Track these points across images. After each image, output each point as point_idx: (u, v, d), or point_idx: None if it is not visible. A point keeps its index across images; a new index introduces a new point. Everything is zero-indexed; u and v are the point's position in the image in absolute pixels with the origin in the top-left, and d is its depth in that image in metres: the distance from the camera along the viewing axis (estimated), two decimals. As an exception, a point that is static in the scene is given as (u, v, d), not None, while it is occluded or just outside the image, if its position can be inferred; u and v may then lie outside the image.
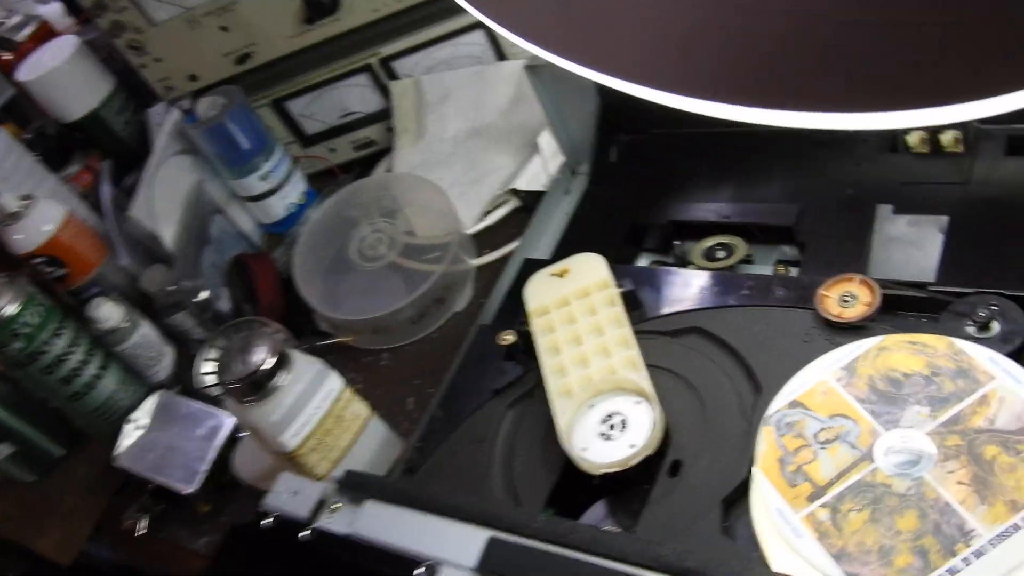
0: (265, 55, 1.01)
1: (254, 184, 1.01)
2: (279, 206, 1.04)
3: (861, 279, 0.55)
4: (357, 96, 1.05)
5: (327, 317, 0.87)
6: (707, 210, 0.71)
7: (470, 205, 0.93)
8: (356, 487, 0.55)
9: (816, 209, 0.66)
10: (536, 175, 0.89)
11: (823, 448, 0.50)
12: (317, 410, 0.69)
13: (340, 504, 0.56)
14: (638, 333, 0.60)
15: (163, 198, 0.96)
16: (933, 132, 0.66)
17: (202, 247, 0.98)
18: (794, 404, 0.52)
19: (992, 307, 0.51)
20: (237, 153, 0.99)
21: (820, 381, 0.53)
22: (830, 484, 0.49)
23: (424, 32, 0.98)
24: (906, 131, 0.67)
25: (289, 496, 0.58)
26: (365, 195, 0.91)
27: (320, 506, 0.56)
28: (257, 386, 0.66)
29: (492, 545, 0.47)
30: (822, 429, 0.51)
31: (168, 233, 0.95)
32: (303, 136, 1.09)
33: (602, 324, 0.60)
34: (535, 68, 0.79)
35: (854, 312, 0.54)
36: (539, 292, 0.65)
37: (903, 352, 0.52)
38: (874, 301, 0.54)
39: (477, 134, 0.98)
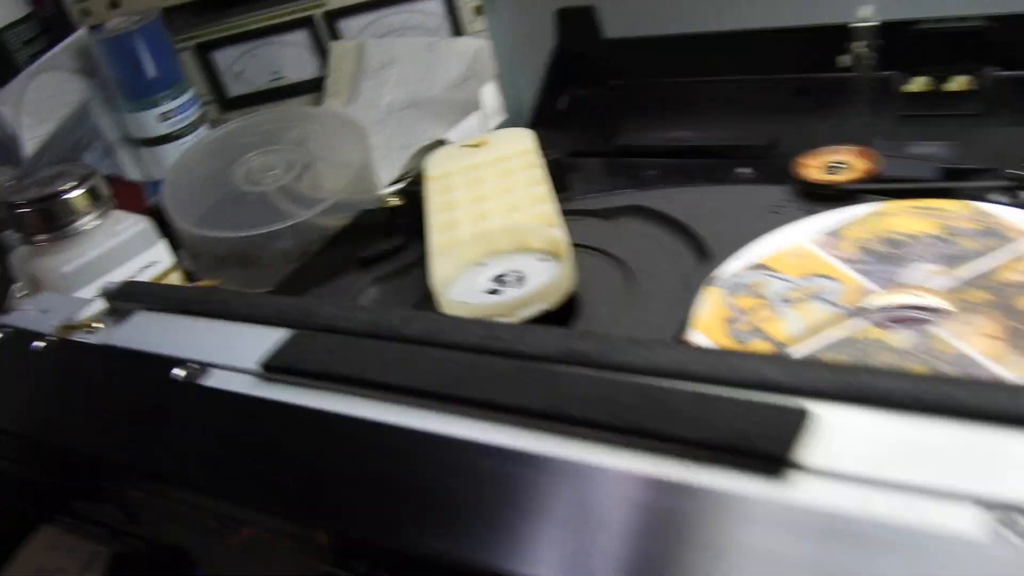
0: (200, -14, 0.91)
1: (151, 123, 0.87)
2: (175, 159, 0.89)
3: (860, 150, 0.42)
4: (292, 57, 0.93)
5: (188, 235, 0.71)
6: (664, 138, 0.58)
7: (391, 168, 0.80)
8: (128, 297, 0.38)
9: (797, 135, 0.54)
10: (472, 132, 0.77)
11: (789, 306, 0.35)
12: (129, 278, 0.52)
13: (102, 324, 0.39)
14: (563, 213, 0.46)
15: (37, 104, 0.82)
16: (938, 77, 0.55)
17: (68, 167, 0.82)
18: (756, 267, 0.38)
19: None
20: (139, 79, 0.85)
21: (794, 245, 0.38)
22: (797, 340, 0.33)
23: (379, -11, 0.88)
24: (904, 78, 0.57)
25: (37, 313, 0.41)
26: (276, 124, 0.78)
27: (74, 326, 0.39)
28: (53, 219, 0.50)
29: (292, 339, 0.31)
30: (792, 289, 0.36)
31: (31, 141, 0.80)
32: (224, 98, 0.97)
33: (516, 184, 0.46)
34: (491, -10, 0.69)
35: (844, 177, 0.41)
36: (444, 161, 0.51)
37: (909, 216, 0.38)
38: (875, 168, 0.41)
39: (415, 105, 0.87)
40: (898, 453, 0.21)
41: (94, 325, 0.39)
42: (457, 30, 0.89)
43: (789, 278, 0.36)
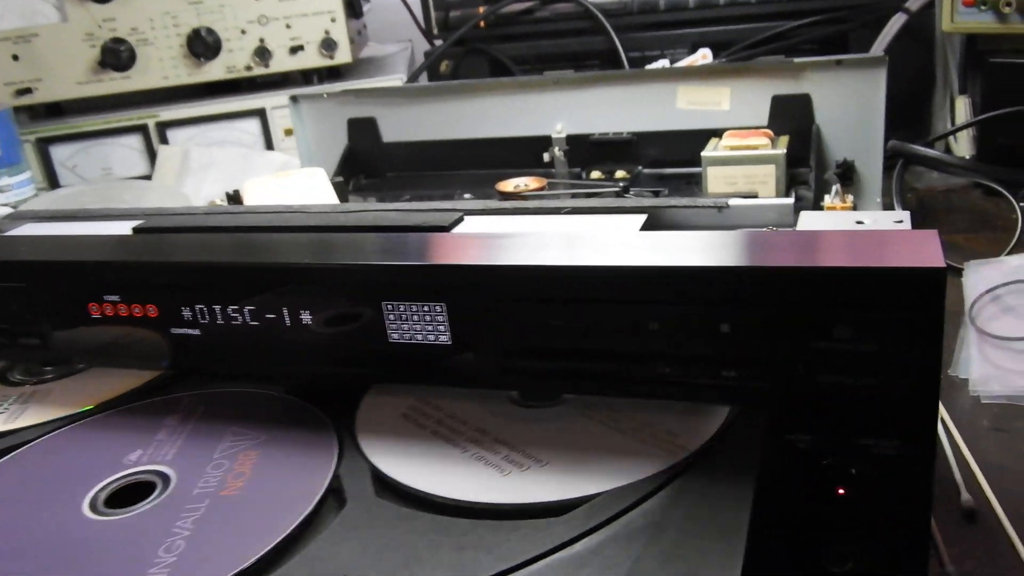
0: (47, 95, 1.08)
1: (-11, 195, 1.01)
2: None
3: (535, 176, 0.67)
4: (123, 157, 1.11)
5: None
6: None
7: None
8: (16, 217, 0.55)
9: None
10: (276, 210, 0.96)
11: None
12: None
13: None
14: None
15: None
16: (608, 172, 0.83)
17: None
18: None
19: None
20: (-15, 155, 1.00)
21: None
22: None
23: (207, 107, 1.09)
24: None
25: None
26: (114, 191, 0.94)
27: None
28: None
29: (149, 219, 0.49)
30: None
31: None
32: (56, 185, 1.12)
33: (318, 198, 0.67)
34: (298, 99, 0.92)
35: (525, 189, 0.65)
36: (259, 184, 0.71)
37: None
38: (542, 187, 0.66)
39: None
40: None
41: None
42: (269, 146, 1.11)
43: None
